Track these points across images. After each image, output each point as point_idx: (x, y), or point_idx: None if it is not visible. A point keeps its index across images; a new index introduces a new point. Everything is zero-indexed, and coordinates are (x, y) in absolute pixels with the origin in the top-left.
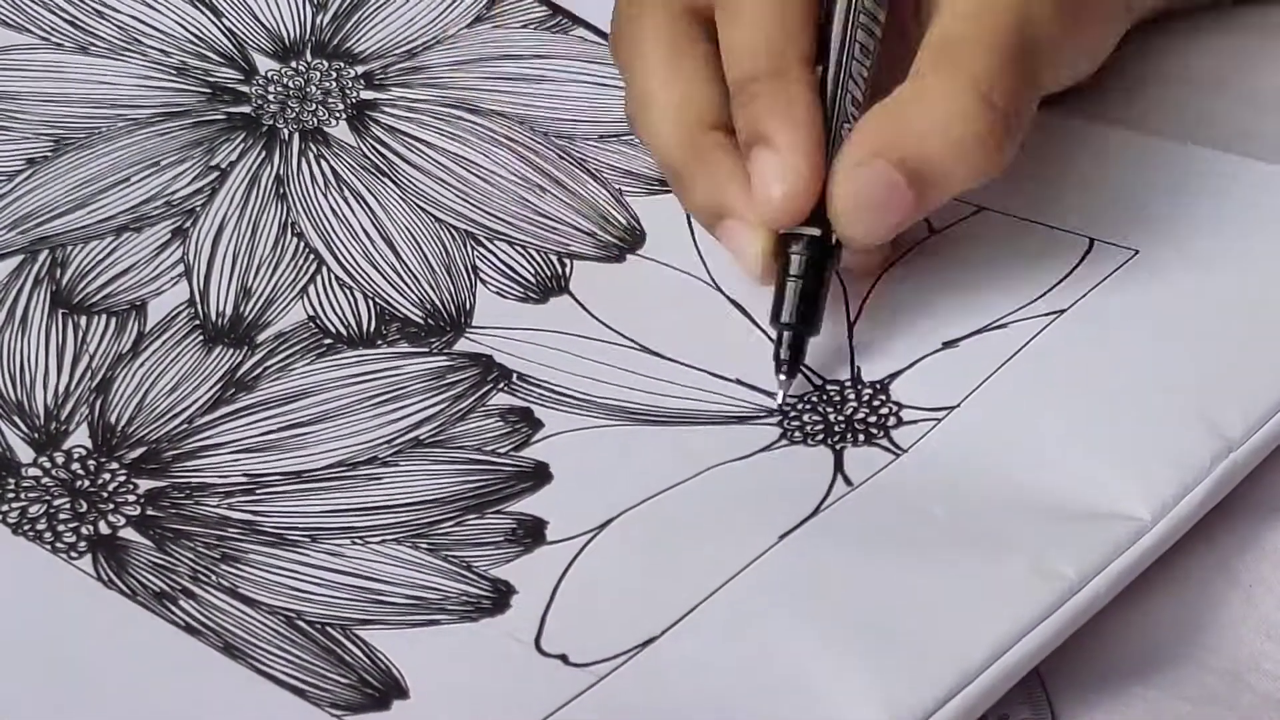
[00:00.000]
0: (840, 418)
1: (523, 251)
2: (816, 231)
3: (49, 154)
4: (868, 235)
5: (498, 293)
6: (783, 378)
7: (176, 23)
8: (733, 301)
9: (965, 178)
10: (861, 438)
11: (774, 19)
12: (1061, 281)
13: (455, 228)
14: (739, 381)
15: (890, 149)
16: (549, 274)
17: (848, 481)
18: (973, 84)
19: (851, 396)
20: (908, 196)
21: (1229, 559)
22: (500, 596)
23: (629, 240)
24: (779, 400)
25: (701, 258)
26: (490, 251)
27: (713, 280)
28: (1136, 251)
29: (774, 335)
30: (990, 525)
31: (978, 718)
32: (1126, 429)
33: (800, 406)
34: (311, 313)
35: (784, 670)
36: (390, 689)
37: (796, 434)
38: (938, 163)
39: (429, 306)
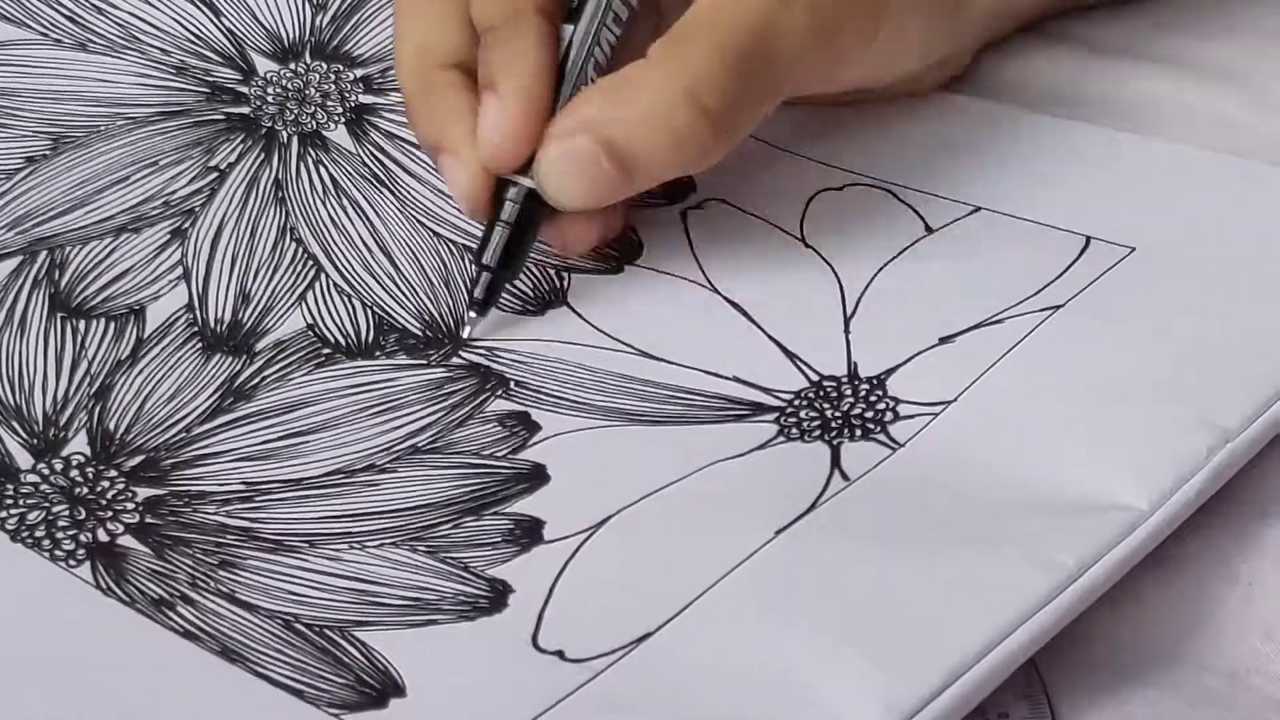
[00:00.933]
0: (837, 413)
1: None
2: (532, 183)
3: (48, 152)
4: (569, 199)
5: (495, 306)
6: (473, 315)
7: (176, 21)
8: (730, 302)
9: (668, 167)
10: (858, 433)
11: None
12: (1058, 278)
13: (454, 242)
14: (736, 379)
15: (596, 126)
16: (547, 288)
17: (844, 476)
18: (686, 82)
19: (848, 392)
20: (610, 172)
21: (1228, 558)
22: (497, 596)
23: (626, 252)
24: (466, 334)
25: (699, 264)
26: None
27: (710, 283)
28: (1133, 249)
29: (478, 276)
30: (987, 518)
31: (975, 710)
32: (1123, 421)
33: (797, 403)
34: (310, 320)
35: (781, 664)
36: (388, 687)
37: (793, 430)
38: (639, 149)
39: (427, 319)
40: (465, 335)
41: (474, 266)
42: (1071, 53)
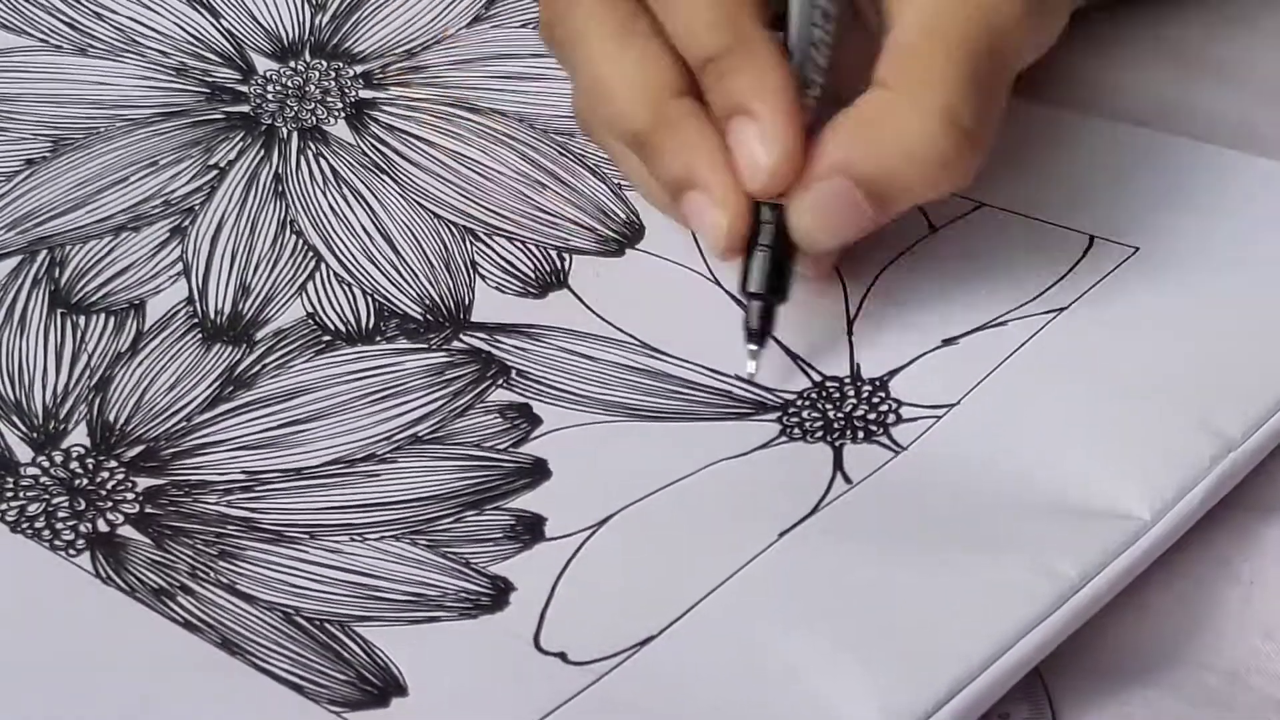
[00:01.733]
0: (840, 415)
1: (522, 247)
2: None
3: (47, 154)
4: (824, 240)
5: (496, 288)
6: (754, 347)
7: (175, 24)
8: (732, 296)
9: (928, 195)
10: (861, 435)
11: None
12: (1061, 279)
13: (454, 224)
14: (738, 378)
15: (852, 166)
16: (548, 269)
17: (847, 479)
18: (939, 105)
19: (851, 393)
20: (867, 213)
21: (1229, 557)
22: (499, 593)
23: (628, 235)
24: (751, 370)
25: (701, 251)
26: (489, 247)
27: (712, 275)
28: (1137, 249)
29: (748, 305)
30: (989, 523)
31: (978, 717)
32: (1126, 428)
33: (800, 403)
34: (310, 310)
35: (782, 668)
36: (389, 686)
37: (796, 431)
38: (900, 183)
39: (428, 302)
40: (749, 373)
41: (744, 297)
42: (1071, 51)
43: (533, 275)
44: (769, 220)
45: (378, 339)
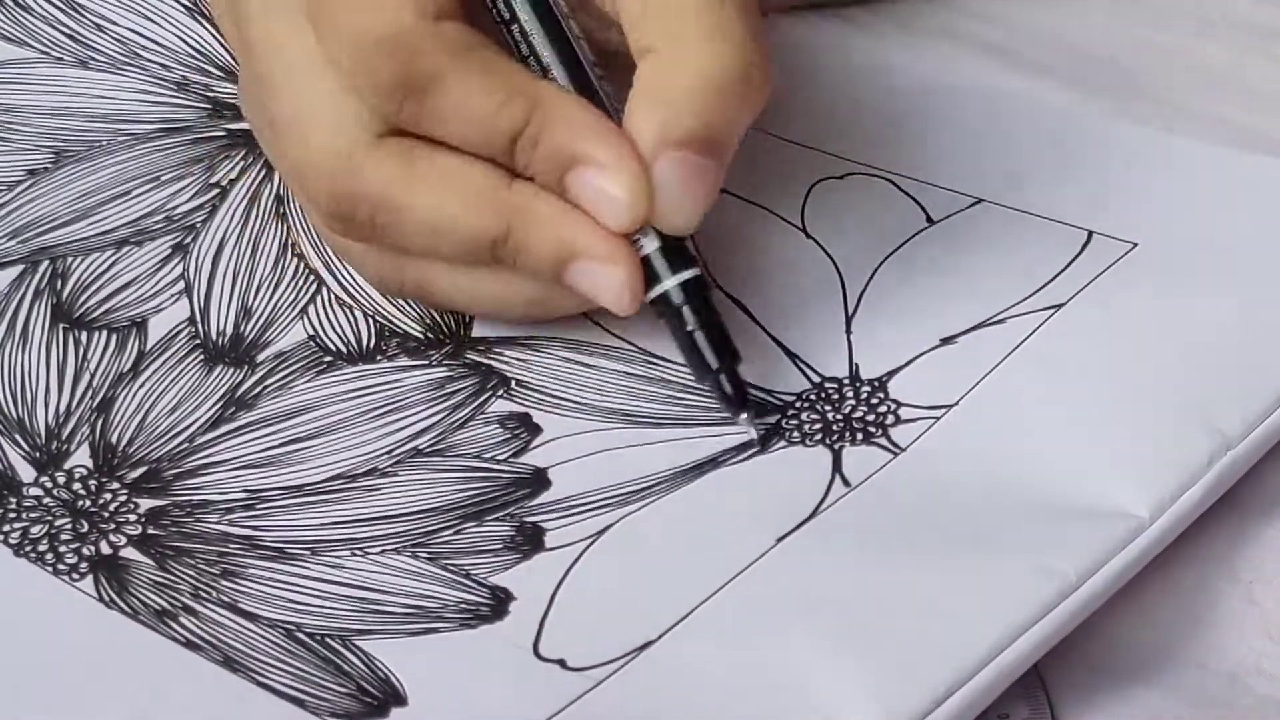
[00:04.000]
0: (839, 416)
1: None
2: (695, 271)
3: (49, 165)
4: (690, 219)
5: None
6: (744, 415)
7: (177, 37)
8: (733, 299)
9: (748, 118)
10: (860, 436)
11: (484, 76)
12: (1059, 274)
13: None
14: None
15: (669, 135)
16: None
17: (846, 482)
18: (702, 30)
19: (850, 394)
20: (711, 166)
21: (1229, 556)
22: (499, 603)
23: None
24: (753, 435)
25: (699, 255)
26: None
27: (710, 276)
28: (1135, 245)
29: (716, 381)
30: (988, 523)
31: (977, 716)
32: (1125, 426)
33: (799, 405)
34: (311, 332)
35: (782, 673)
36: (389, 697)
37: (794, 434)
38: (718, 120)
39: (428, 321)
40: (751, 437)
41: (705, 381)
42: (1067, 48)
43: None
44: (684, 301)
45: (379, 358)
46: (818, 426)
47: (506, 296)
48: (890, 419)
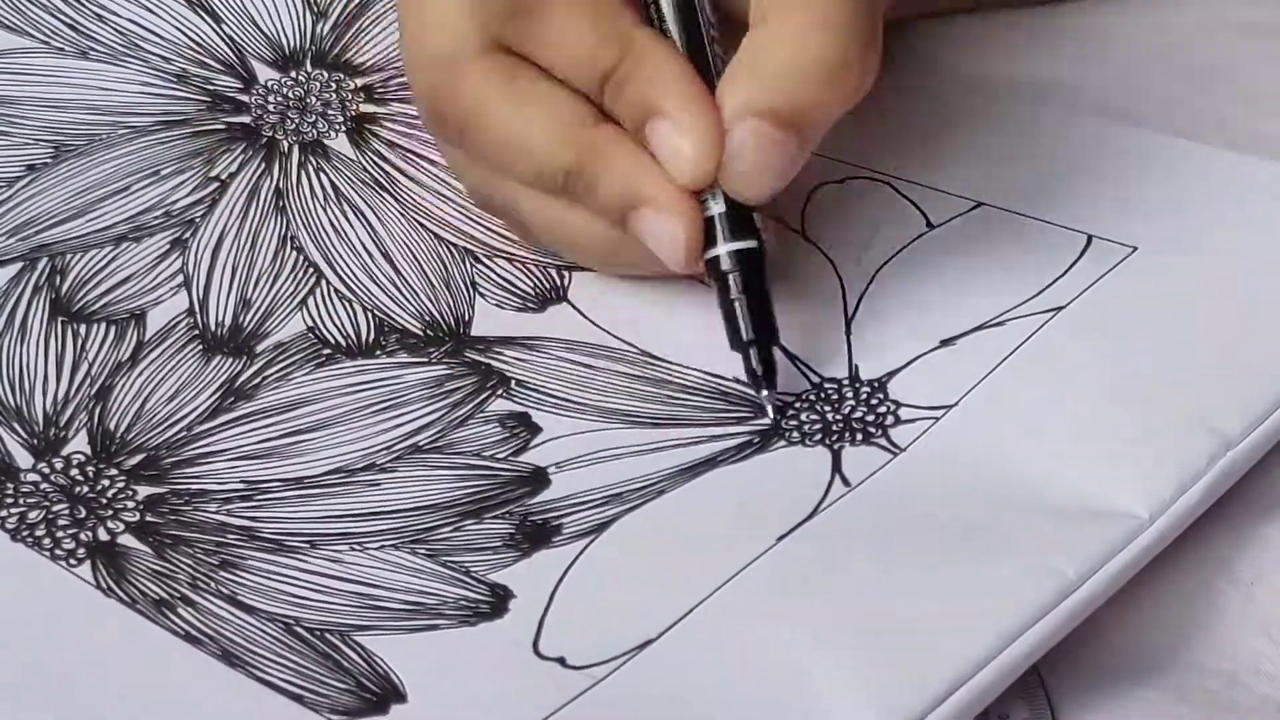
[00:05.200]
0: (838, 417)
1: (522, 267)
2: (751, 243)
3: (49, 160)
4: (760, 188)
5: (496, 305)
6: (765, 393)
7: (176, 28)
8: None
9: (836, 108)
10: (860, 437)
11: (590, 8)
12: (1060, 278)
13: (454, 245)
14: (737, 380)
15: (754, 103)
16: (548, 285)
17: (845, 482)
18: (813, 17)
19: (850, 395)
20: (791, 144)
21: (1229, 556)
22: (498, 601)
23: None
24: (770, 416)
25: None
26: (489, 268)
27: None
28: (1135, 248)
29: (746, 354)
30: (988, 524)
31: (977, 716)
32: (1124, 427)
33: (798, 405)
34: (311, 324)
35: (781, 672)
36: (388, 693)
37: (794, 434)
38: (805, 100)
39: (428, 319)
40: (770, 417)
41: (739, 349)
42: (1067, 49)
43: (532, 291)
44: (733, 268)
45: (378, 353)
46: (817, 427)
47: (582, 235)
48: (890, 419)
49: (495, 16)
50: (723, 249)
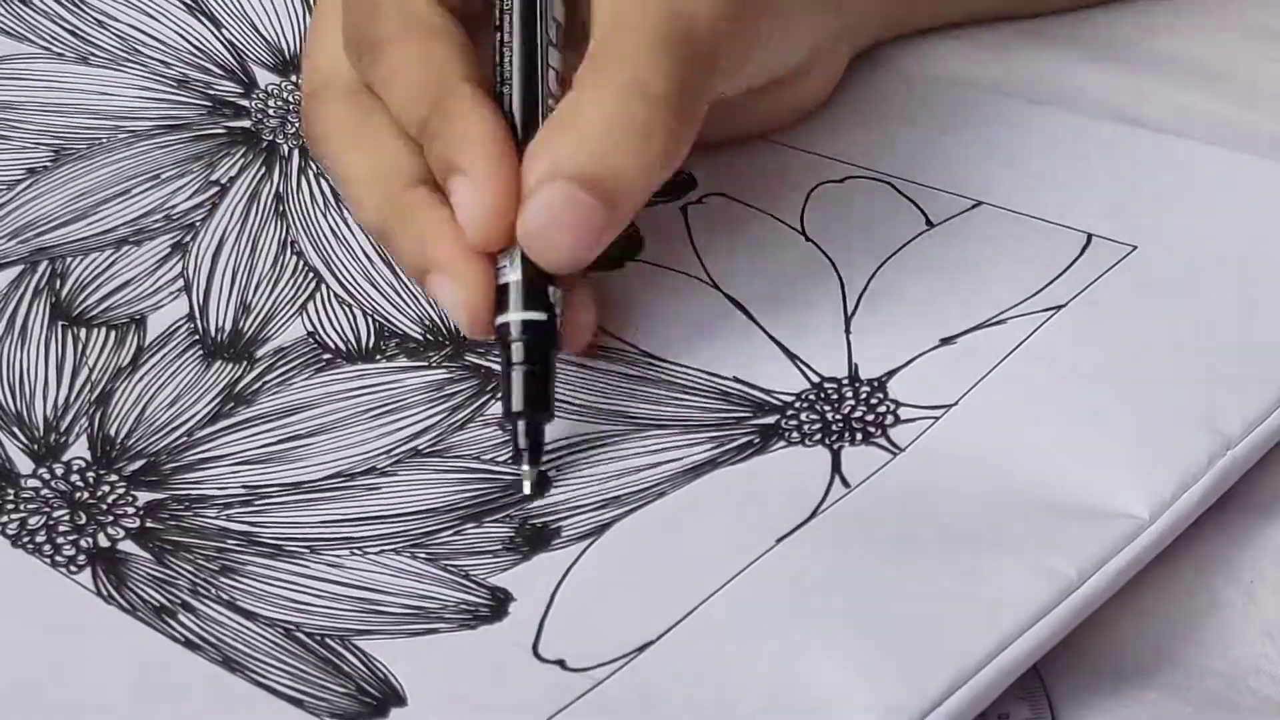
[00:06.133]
0: (838, 416)
1: None
2: (540, 315)
3: (49, 164)
4: (564, 256)
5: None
6: (526, 468)
7: (176, 33)
8: (732, 300)
9: (644, 176)
10: (859, 437)
11: (420, 57)
12: (1059, 277)
13: None
14: (736, 379)
15: (560, 166)
16: None
17: (845, 483)
18: (626, 79)
19: (849, 394)
20: (597, 210)
21: (1229, 556)
22: (498, 604)
23: (627, 248)
24: (526, 490)
25: (700, 260)
26: None
27: (711, 279)
28: (1135, 247)
29: (514, 426)
30: (988, 524)
31: (977, 716)
32: (1124, 426)
33: (798, 405)
34: (311, 328)
35: (781, 673)
36: (388, 697)
37: (794, 434)
38: (613, 167)
39: (428, 323)
40: (527, 493)
41: (508, 420)
42: (1067, 50)
43: None
44: (519, 338)
45: (378, 358)
46: (817, 427)
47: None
48: (889, 419)
49: (348, 50)
50: (511, 317)
